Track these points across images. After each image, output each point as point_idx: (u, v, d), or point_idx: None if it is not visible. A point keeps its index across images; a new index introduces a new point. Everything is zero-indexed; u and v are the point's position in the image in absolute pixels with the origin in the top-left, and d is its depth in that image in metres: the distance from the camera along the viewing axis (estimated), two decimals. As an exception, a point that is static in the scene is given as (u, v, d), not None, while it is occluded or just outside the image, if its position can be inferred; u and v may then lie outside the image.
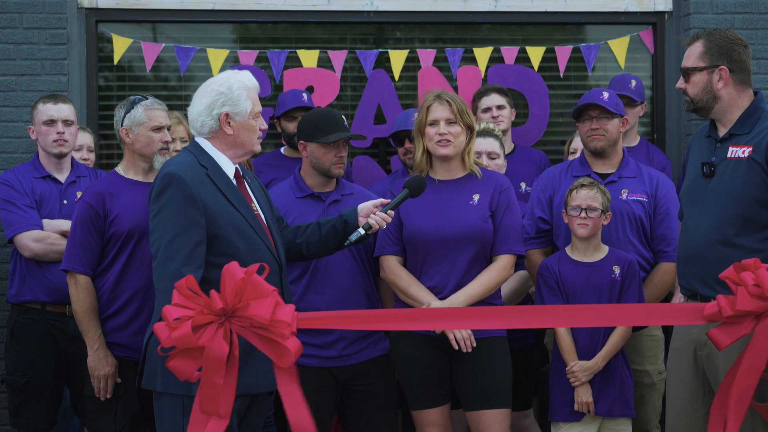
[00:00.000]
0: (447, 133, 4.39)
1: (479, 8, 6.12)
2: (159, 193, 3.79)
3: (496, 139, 5.03)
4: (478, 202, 4.41)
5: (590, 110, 4.83)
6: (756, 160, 3.89)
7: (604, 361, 4.52)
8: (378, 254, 4.51)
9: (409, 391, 4.47)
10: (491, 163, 4.91)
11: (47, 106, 5.02)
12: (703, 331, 3.67)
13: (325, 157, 4.55)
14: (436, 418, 4.43)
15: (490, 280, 4.37)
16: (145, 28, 6.11)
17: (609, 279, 4.55)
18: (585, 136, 4.86)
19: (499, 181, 4.47)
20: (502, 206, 4.42)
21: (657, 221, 4.80)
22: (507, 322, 3.99)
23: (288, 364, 3.34)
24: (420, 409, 4.44)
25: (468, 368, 4.37)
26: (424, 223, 4.40)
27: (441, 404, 4.44)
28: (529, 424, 5.13)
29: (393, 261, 4.47)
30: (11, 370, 4.90)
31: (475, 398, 4.38)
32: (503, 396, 4.38)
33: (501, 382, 4.38)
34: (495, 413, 4.35)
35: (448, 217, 4.39)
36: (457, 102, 4.43)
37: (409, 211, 4.42)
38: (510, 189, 4.48)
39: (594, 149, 4.85)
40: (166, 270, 3.69)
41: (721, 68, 3.99)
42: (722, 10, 6.00)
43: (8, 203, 4.90)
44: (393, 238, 4.46)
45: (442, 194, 4.43)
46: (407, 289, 4.39)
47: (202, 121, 3.92)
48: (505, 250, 4.41)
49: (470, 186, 4.46)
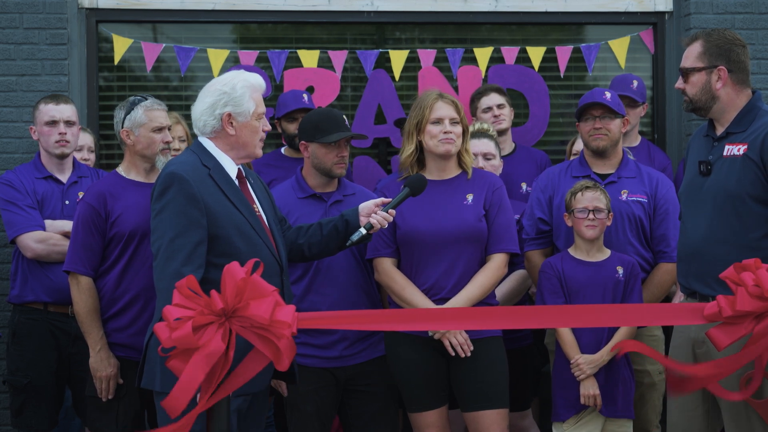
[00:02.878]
0: (452, 132, 4.39)
1: (479, 8, 6.13)
2: (161, 193, 3.79)
3: (491, 139, 5.02)
4: (473, 201, 4.41)
5: (593, 109, 4.83)
6: (751, 157, 3.90)
7: (609, 356, 4.50)
8: (371, 256, 4.48)
9: (406, 393, 4.46)
10: (487, 164, 4.90)
11: (49, 106, 5.02)
12: (701, 330, 3.68)
13: (326, 157, 4.55)
14: (433, 420, 4.42)
15: (486, 281, 4.36)
16: (145, 28, 6.11)
17: (613, 278, 4.55)
18: (587, 135, 4.86)
19: (491, 181, 4.48)
20: (495, 205, 4.42)
21: (657, 221, 4.80)
22: (507, 322, 3.98)
23: (284, 367, 3.34)
24: (417, 412, 4.43)
25: (465, 369, 4.36)
26: (420, 223, 4.38)
27: (439, 406, 4.43)
28: (528, 425, 5.13)
29: (387, 263, 4.45)
30: (13, 370, 4.90)
31: (473, 399, 4.37)
32: (501, 396, 4.38)
33: (498, 382, 4.37)
34: (493, 413, 4.35)
35: (444, 216, 4.38)
36: (457, 103, 4.46)
37: (403, 211, 4.39)
38: (502, 188, 4.49)
39: (596, 149, 4.85)
40: (166, 270, 3.69)
41: (720, 68, 4.00)
42: (722, 10, 6.01)
43: (10, 204, 4.90)
44: (386, 239, 4.44)
45: (436, 194, 4.41)
46: (402, 292, 4.38)
47: (204, 121, 3.92)
48: (499, 249, 4.41)
49: (463, 186, 4.45)
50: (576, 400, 4.53)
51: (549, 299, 4.57)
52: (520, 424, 5.08)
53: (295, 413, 4.49)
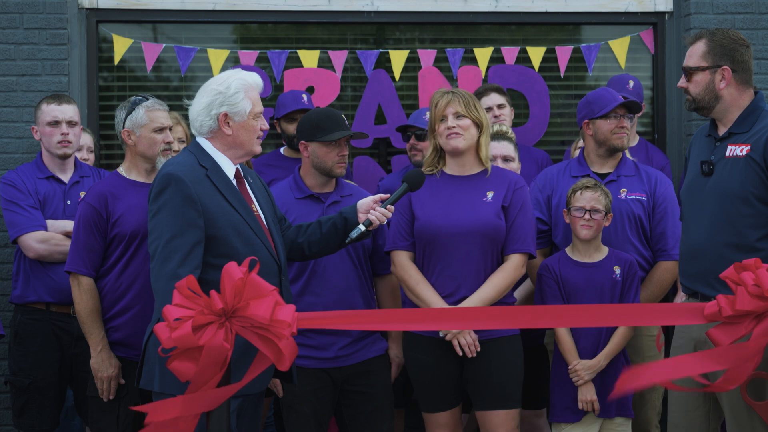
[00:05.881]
0: (456, 126, 4.37)
1: (479, 8, 6.13)
2: (158, 194, 3.78)
3: (510, 141, 4.98)
4: (492, 199, 4.38)
5: (618, 107, 4.82)
6: (754, 158, 3.90)
7: (606, 360, 4.52)
8: (389, 249, 4.48)
9: (419, 393, 4.47)
10: (506, 167, 4.87)
11: (51, 106, 5.01)
12: (704, 330, 3.67)
13: (327, 156, 4.54)
14: (445, 420, 4.43)
15: (502, 282, 4.33)
16: (145, 28, 6.11)
17: (610, 279, 4.56)
18: (610, 133, 4.80)
19: (513, 179, 4.44)
20: (516, 205, 4.39)
21: (656, 220, 4.80)
22: (507, 322, 3.97)
23: (285, 367, 3.34)
24: (430, 412, 4.44)
25: (479, 369, 4.35)
26: (437, 218, 4.37)
27: (451, 407, 4.43)
28: (543, 424, 5.10)
29: (404, 257, 4.44)
30: (15, 370, 4.89)
31: (483, 398, 4.37)
32: (512, 396, 4.37)
33: (508, 383, 4.36)
34: (501, 414, 4.34)
35: (461, 212, 4.36)
36: (464, 96, 4.41)
37: (422, 205, 4.40)
38: (524, 188, 4.45)
39: (621, 147, 4.82)
40: (163, 271, 3.68)
41: (724, 68, 4.00)
42: (723, 11, 6.01)
43: (12, 204, 4.90)
44: (404, 233, 4.43)
45: (456, 189, 4.41)
46: (415, 287, 4.37)
47: (201, 121, 3.91)
48: (516, 249, 4.37)
49: (484, 183, 4.43)
50: (574, 401, 4.53)
51: (548, 301, 4.57)
52: (535, 422, 5.07)
53: (292, 414, 4.47)
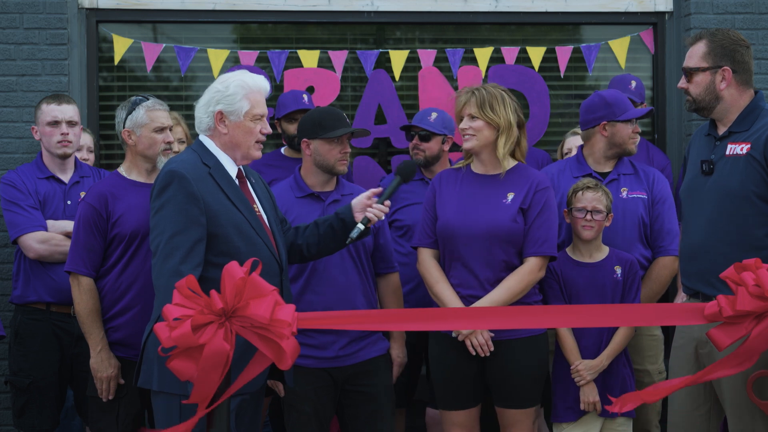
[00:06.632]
0: (468, 128, 4.37)
1: (479, 8, 6.13)
2: (161, 191, 3.78)
3: None
4: (512, 201, 4.36)
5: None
6: (754, 156, 3.91)
7: (608, 360, 4.52)
8: (414, 245, 4.53)
9: (437, 391, 4.48)
10: None
11: (51, 106, 5.01)
12: (705, 330, 3.67)
13: (330, 153, 4.53)
14: (462, 420, 4.44)
15: (515, 285, 4.30)
16: (145, 28, 6.11)
17: (611, 279, 4.56)
18: (628, 138, 4.85)
19: (537, 180, 4.39)
20: (536, 206, 4.35)
21: (654, 217, 4.80)
22: (508, 322, 3.96)
23: (287, 366, 3.34)
24: (446, 410, 4.46)
25: (499, 369, 4.35)
26: (453, 217, 4.38)
27: (468, 407, 4.44)
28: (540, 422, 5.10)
29: (427, 254, 4.47)
30: (15, 370, 4.88)
31: (502, 396, 4.39)
32: (531, 395, 4.38)
33: (530, 384, 4.36)
34: (518, 413, 4.36)
35: (477, 214, 4.36)
36: (482, 96, 4.36)
37: (444, 204, 4.42)
38: (548, 189, 4.40)
39: (633, 151, 4.88)
40: (165, 268, 3.68)
41: (724, 69, 4.00)
42: (723, 11, 6.01)
43: (12, 204, 4.89)
44: (429, 230, 4.47)
45: (477, 189, 4.41)
46: (434, 285, 4.39)
47: (200, 118, 3.94)
48: (534, 251, 4.33)
49: (507, 183, 4.40)
50: (575, 401, 4.54)
51: (549, 302, 4.56)
52: None
53: (293, 414, 4.47)
